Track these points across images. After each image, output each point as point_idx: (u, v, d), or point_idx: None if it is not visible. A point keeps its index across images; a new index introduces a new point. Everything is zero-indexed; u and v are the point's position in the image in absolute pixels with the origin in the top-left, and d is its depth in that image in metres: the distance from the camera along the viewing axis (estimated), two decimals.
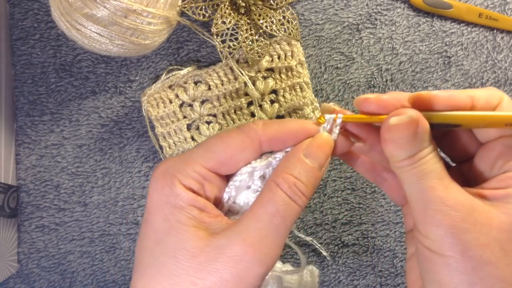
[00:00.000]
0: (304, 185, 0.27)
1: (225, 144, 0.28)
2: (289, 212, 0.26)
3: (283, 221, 0.26)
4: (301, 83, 0.44)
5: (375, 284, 0.47)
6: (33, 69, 0.46)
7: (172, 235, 0.26)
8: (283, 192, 0.26)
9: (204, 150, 0.28)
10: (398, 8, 0.46)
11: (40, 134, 0.47)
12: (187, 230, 0.26)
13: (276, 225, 0.26)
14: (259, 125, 0.28)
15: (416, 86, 0.46)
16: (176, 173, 0.27)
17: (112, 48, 0.39)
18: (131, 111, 0.47)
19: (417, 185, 0.25)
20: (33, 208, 0.47)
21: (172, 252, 0.26)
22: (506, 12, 0.46)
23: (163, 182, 0.27)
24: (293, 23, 0.44)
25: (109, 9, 0.36)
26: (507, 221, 0.24)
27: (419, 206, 0.25)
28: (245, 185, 0.29)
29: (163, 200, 0.27)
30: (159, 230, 0.27)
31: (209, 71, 0.44)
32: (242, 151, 0.28)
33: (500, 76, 0.46)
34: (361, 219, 0.47)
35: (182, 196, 0.27)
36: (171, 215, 0.26)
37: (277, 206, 0.26)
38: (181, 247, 0.26)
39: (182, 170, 0.27)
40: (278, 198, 0.26)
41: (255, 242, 0.25)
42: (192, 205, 0.27)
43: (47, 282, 0.47)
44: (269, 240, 0.25)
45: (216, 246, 0.25)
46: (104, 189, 0.47)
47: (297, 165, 0.27)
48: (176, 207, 0.26)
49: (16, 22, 0.46)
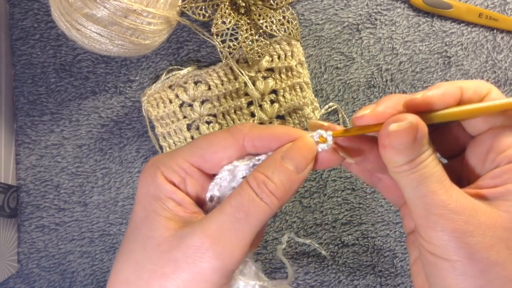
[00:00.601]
0: (275, 185, 0.26)
1: (209, 141, 0.28)
2: (254, 209, 0.26)
3: (246, 217, 0.25)
4: (301, 83, 0.44)
5: (375, 284, 0.47)
6: (33, 69, 0.46)
7: (145, 224, 0.27)
8: (250, 188, 0.26)
9: (190, 146, 0.29)
10: (398, 8, 0.46)
11: (40, 134, 0.47)
12: (159, 220, 0.26)
13: (237, 219, 0.25)
14: (245, 126, 0.29)
15: (416, 86, 0.46)
16: (160, 165, 0.28)
17: (112, 48, 0.39)
18: (131, 111, 0.47)
19: (418, 190, 0.25)
20: (33, 208, 0.47)
21: (142, 240, 0.26)
22: (506, 12, 0.46)
23: (147, 174, 0.28)
24: (293, 23, 0.44)
25: (109, 9, 0.36)
26: (510, 219, 0.24)
27: (420, 211, 0.25)
28: (228, 185, 0.29)
29: (145, 190, 0.28)
30: (136, 219, 0.27)
31: (209, 71, 0.44)
32: (225, 148, 0.28)
33: (500, 76, 0.46)
34: (361, 219, 0.47)
35: (162, 187, 0.27)
36: (149, 205, 0.27)
37: (242, 201, 0.26)
38: (149, 235, 0.26)
39: (166, 163, 0.28)
40: (244, 193, 0.26)
41: (213, 234, 0.25)
42: (170, 197, 0.27)
43: (47, 282, 0.47)
44: (229, 234, 0.25)
45: (179, 236, 0.25)
46: (104, 189, 0.47)
47: (271, 164, 0.27)
48: (154, 197, 0.27)
49: (16, 22, 0.46)
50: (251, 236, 0.26)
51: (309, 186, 0.47)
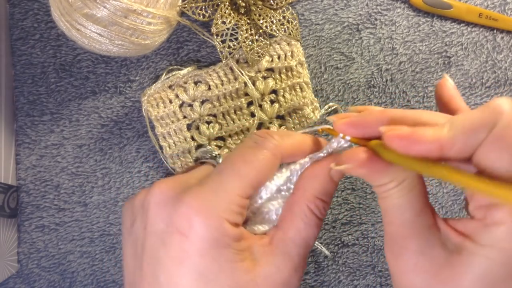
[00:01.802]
0: (327, 205, 0.29)
1: (256, 169, 0.28)
2: (319, 230, 0.29)
3: (314, 239, 0.29)
4: (301, 83, 0.44)
5: (375, 284, 0.47)
6: (33, 69, 0.46)
7: (223, 274, 0.26)
8: (314, 216, 0.28)
9: (238, 178, 0.28)
10: (398, 8, 0.46)
11: (40, 134, 0.47)
12: (237, 267, 0.26)
13: (310, 246, 0.28)
14: (277, 139, 0.29)
15: (416, 86, 0.46)
16: (222, 212, 0.27)
17: (112, 48, 0.39)
18: (131, 111, 0.47)
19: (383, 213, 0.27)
20: (33, 208, 0.47)
21: None
22: (506, 12, 0.46)
23: (208, 224, 0.26)
24: (293, 23, 0.44)
25: (109, 9, 0.36)
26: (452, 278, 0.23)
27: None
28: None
29: (210, 244, 0.26)
30: (205, 272, 0.26)
31: (209, 71, 0.44)
32: (270, 170, 0.29)
33: (500, 76, 0.46)
34: (361, 219, 0.47)
35: (231, 235, 0.27)
36: (220, 255, 0.26)
37: (310, 230, 0.28)
38: (234, 284, 0.26)
39: (226, 208, 0.27)
40: (312, 222, 0.28)
41: (297, 266, 0.27)
42: (236, 240, 0.27)
43: (47, 282, 0.47)
44: (306, 258, 0.29)
45: (264, 276, 0.27)
46: (104, 189, 0.47)
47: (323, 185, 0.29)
48: (224, 247, 0.26)
49: (16, 22, 0.46)
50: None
51: None
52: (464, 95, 0.46)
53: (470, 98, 0.46)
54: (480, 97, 0.46)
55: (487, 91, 0.46)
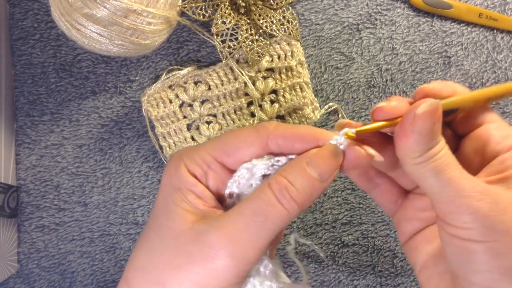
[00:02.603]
0: (297, 191, 0.26)
1: (234, 136, 0.29)
2: (273, 213, 0.26)
3: (264, 220, 0.25)
4: (301, 83, 0.44)
5: (375, 284, 0.47)
6: (33, 69, 0.46)
7: (164, 214, 0.27)
8: (271, 192, 0.26)
9: (215, 140, 0.29)
10: (398, 8, 0.46)
11: (40, 134, 0.47)
12: (177, 211, 0.27)
13: (255, 222, 0.25)
14: (271, 124, 0.29)
15: (416, 86, 0.46)
16: (184, 157, 0.28)
17: (112, 48, 0.39)
18: (131, 111, 0.47)
19: (439, 178, 0.25)
20: (33, 208, 0.47)
21: (159, 230, 0.27)
22: (506, 12, 0.46)
23: (171, 165, 0.29)
24: (293, 23, 0.44)
25: (109, 9, 0.36)
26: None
27: (446, 199, 0.25)
28: (247, 183, 0.29)
29: (167, 181, 0.28)
30: (157, 209, 0.28)
31: (209, 71, 0.44)
32: (249, 144, 0.28)
33: (500, 76, 0.46)
34: (361, 219, 0.47)
35: (183, 178, 0.28)
36: (169, 196, 0.28)
37: (261, 204, 0.26)
38: (167, 225, 0.26)
39: (189, 155, 0.28)
40: (265, 196, 0.26)
41: (229, 233, 0.25)
42: (190, 190, 0.27)
43: (47, 282, 0.47)
44: (245, 235, 0.25)
45: (195, 230, 0.26)
46: (104, 189, 0.47)
47: (295, 170, 0.26)
48: (175, 188, 0.27)
49: (16, 22, 0.46)
50: (267, 239, 0.26)
51: None
52: None
53: None
54: None
55: None
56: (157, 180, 0.47)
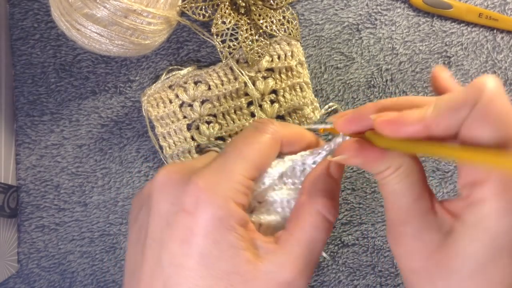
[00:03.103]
0: (337, 204, 0.29)
1: (258, 151, 0.29)
2: (327, 235, 0.28)
3: (323, 245, 0.28)
4: (301, 83, 0.44)
5: (375, 284, 0.47)
6: (33, 69, 0.46)
7: (224, 259, 0.26)
8: (324, 217, 0.28)
9: (243, 160, 0.28)
10: (398, 8, 0.46)
11: (40, 134, 0.47)
12: (239, 254, 0.26)
13: (318, 250, 0.28)
14: (276, 125, 0.30)
15: (416, 86, 0.46)
16: (227, 191, 0.27)
17: (112, 48, 0.39)
18: (131, 111, 0.47)
19: (384, 200, 0.27)
20: (33, 208, 0.47)
21: (226, 277, 0.26)
22: (506, 12, 0.46)
23: (213, 201, 0.26)
24: (293, 23, 0.44)
25: (109, 9, 0.36)
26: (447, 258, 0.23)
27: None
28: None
29: (212, 221, 0.26)
30: (208, 254, 0.26)
31: (209, 71, 0.44)
32: (272, 153, 0.30)
33: (500, 76, 0.46)
34: (361, 219, 0.47)
35: (235, 215, 0.26)
36: (222, 238, 0.26)
37: (319, 232, 0.28)
38: (234, 271, 0.26)
39: (231, 187, 0.27)
40: (320, 223, 0.28)
41: (302, 269, 0.27)
42: (240, 224, 0.27)
43: (47, 282, 0.47)
44: (311, 265, 0.27)
45: (265, 272, 0.26)
46: (104, 189, 0.47)
47: (328, 185, 0.29)
48: (227, 229, 0.26)
49: (16, 22, 0.46)
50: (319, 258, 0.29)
51: None
52: None
53: None
54: None
55: None
56: None
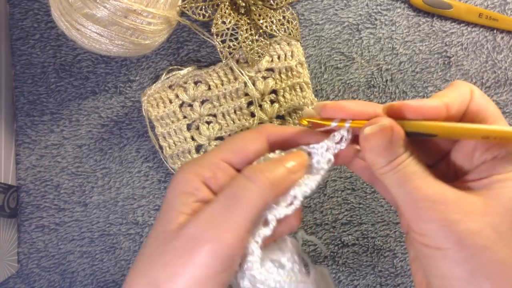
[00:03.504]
0: (269, 173, 0.28)
1: (237, 138, 0.31)
2: (246, 193, 0.27)
3: (237, 202, 0.27)
4: (301, 83, 0.44)
5: (375, 284, 0.47)
6: (33, 69, 0.46)
7: (162, 217, 0.28)
8: (243, 176, 0.28)
9: (219, 146, 0.31)
10: (398, 8, 0.46)
11: (40, 134, 0.47)
12: (172, 214, 0.28)
13: (229, 205, 0.27)
14: (268, 124, 0.32)
15: (416, 86, 0.46)
16: (192, 163, 0.30)
17: (112, 48, 0.39)
18: (131, 111, 0.47)
19: (402, 187, 0.26)
20: (33, 208, 0.47)
21: (156, 234, 0.28)
22: (506, 12, 0.46)
23: (179, 172, 0.30)
24: (293, 23, 0.44)
25: (109, 9, 0.36)
26: (494, 205, 0.25)
27: (408, 207, 0.26)
28: None
29: (173, 186, 0.29)
30: (159, 213, 0.30)
31: (209, 71, 0.44)
32: (252, 142, 0.30)
33: (500, 76, 0.46)
34: (361, 219, 0.47)
35: (188, 183, 0.29)
36: (170, 201, 0.29)
37: (233, 188, 0.27)
38: (162, 229, 0.28)
39: (198, 160, 0.30)
40: (236, 181, 0.28)
41: (206, 221, 0.26)
42: (192, 193, 0.28)
43: (47, 282, 0.47)
44: (221, 220, 0.26)
45: (179, 227, 0.27)
46: (104, 189, 0.47)
47: (269, 161, 0.29)
48: (179, 193, 0.28)
49: (16, 22, 0.46)
50: (245, 222, 0.27)
51: None
52: None
53: None
54: None
55: (487, 91, 0.46)
56: (157, 180, 0.47)
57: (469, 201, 0.25)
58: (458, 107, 0.27)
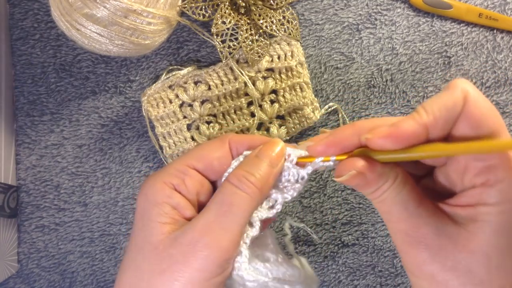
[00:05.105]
0: (253, 176, 0.29)
1: (201, 146, 0.33)
2: (236, 199, 0.29)
3: (230, 208, 0.28)
4: (301, 83, 0.44)
5: (375, 284, 0.47)
6: (33, 69, 0.46)
7: (142, 231, 0.29)
8: (230, 183, 0.29)
9: (183, 155, 0.33)
10: (398, 8, 0.46)
11: (40, 134, 0.47)
12: (154, 225, 0.29)
13: (222, 212, 0.28)
14: (230, 134, 0.34)
15: (416, 86, 0.46)
16: (159, 173, 0.31)
17: (112, 48, 0.39)
18: (131, 111, 0.47)
19: (384, 217, 0.28)
20: (33, 208, 0.47)
21: (140, 247, 0.29)
22: (506, 12, 0.46)
23: (146, 183, 0.31)
24: (293, 23, 0.44)
25: (109, 9, 0.36)
26: (474, 242, 0.25)
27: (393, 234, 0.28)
28: None
29: (143, 199, 0.30)
30: (134, 228, 0.30)
31: (209, 71, 0.44)
32: (214, 150, 0.32)
33: (500, 76, 0.46)
34: (361, 219, 0.47)
35: (158, 192, 0.30)
36: (145, 213, 0.29)
37: (224, 196, 0.29)
38: (146, 241, 0.28)
39: (164, 170, 0.31)
40: (225, 189, 0.29)
41: (202, 228, 0.28)
42: (166, 202, 0.29)
43: (47, 282, 0.47)
44: (216, 226, 0.28)
45: (172, 237, 0.28)
46: (104, 189, 0.47)
47: (249, 163, 0.30)
48: (151, 204, 0.29)
49: (16, 22, 0.46)
50: (238, 226, 0.28)
51: (309, 186, 0.47)
52: None
53: None
54: None
55: (487, 91, 0.46)
56: None
57: (447, 236, 0.25)
58: (445, 120, 0.24)
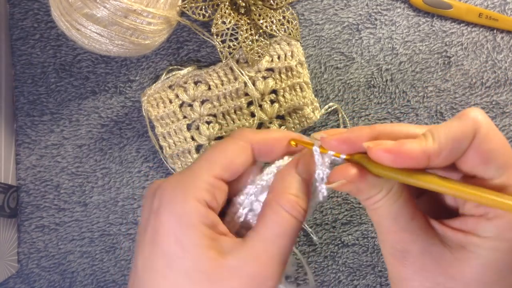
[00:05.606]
0: (303, 201, 0.28)
1: (223, 152, 0.30)
2: (293, 230, 0.28)
3: (289, 240, 0.28)
4: (301, 83, 0.44)
5: (375, 284, 0.47)
6: (33, 69, 0.46)
7: (186, 258, 0.26)
8: (287, 213, 0.28)
9: (206, 161, 0.29)
10: (398, 8, 0.46)
11: (40, 134, 0.47)
12: (201, 252, 0.26)
13: (283, 245, 0.27)
14: (248, 132, 0.31)
15: (416, 86, 0.46)
16: (188, 187, 0.27)
17: (112, 48, 0.39)
18: (131, 111, 0.47)
19: (376, 227, 0.27)
20: (33, 208, 0.47)
21: (187, 274, 0.26)
22: (506, 12, 0.46)
23: (173, 200, 0.27)
24: (293, 23, 0.44)
25: (109, 9, 0.36)
26: (456, 269, 0.25)
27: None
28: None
29: (173, 220, 0.27)
30: (170, 253, 0.26)
31: (209, 71, 0.44)
32: (239, 154, 0.30)
33: (500, 76, 0.46)
34: (361, 219, 0.47)
35: (194, 212, 0.27)
36: (184, 236, 0.26)
37: (282, 227, 0.27)
38: (195, 269, 0.26)
39: (192, 183, 0.28)
40: (283, 219, 0.28)
41: (265, 263, 0.27)
42: (203, 223, 0.27)
43: (47, 282, 0.47)
44: (277, 258, 0.27)
45: (228, 266, 0.26)
46: (104, 189, 0.47)
47: (294, 183, 0.28)
48: (188, 226, 0.26)
49: (16, 22, 0.46)
50: (284, 257, 0.28)
51: None
52: (464, 95, 0.46)
53: (470, 98, 0.46)
54: (480, 97, 0.46)
55: (487, 91, 0.46)
56: (157, 180, 0.47)
57: (429, 255, 0.25)
58: (450, 151, 0.23)
